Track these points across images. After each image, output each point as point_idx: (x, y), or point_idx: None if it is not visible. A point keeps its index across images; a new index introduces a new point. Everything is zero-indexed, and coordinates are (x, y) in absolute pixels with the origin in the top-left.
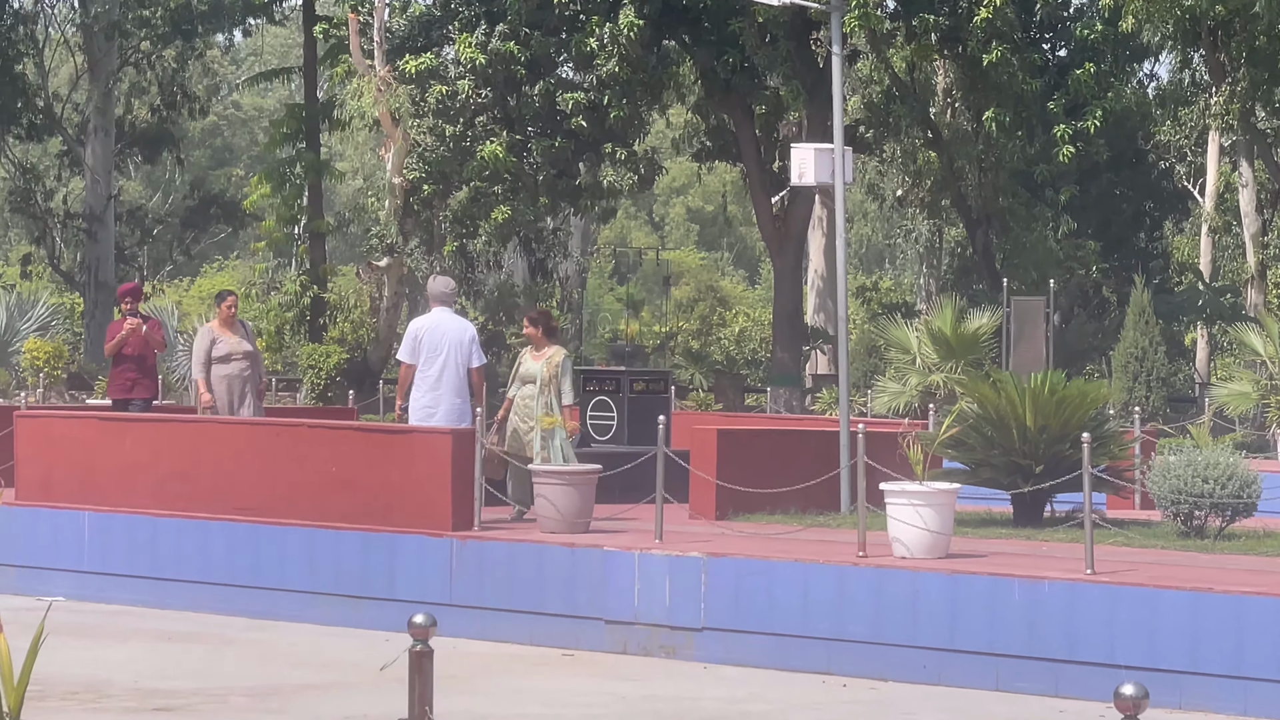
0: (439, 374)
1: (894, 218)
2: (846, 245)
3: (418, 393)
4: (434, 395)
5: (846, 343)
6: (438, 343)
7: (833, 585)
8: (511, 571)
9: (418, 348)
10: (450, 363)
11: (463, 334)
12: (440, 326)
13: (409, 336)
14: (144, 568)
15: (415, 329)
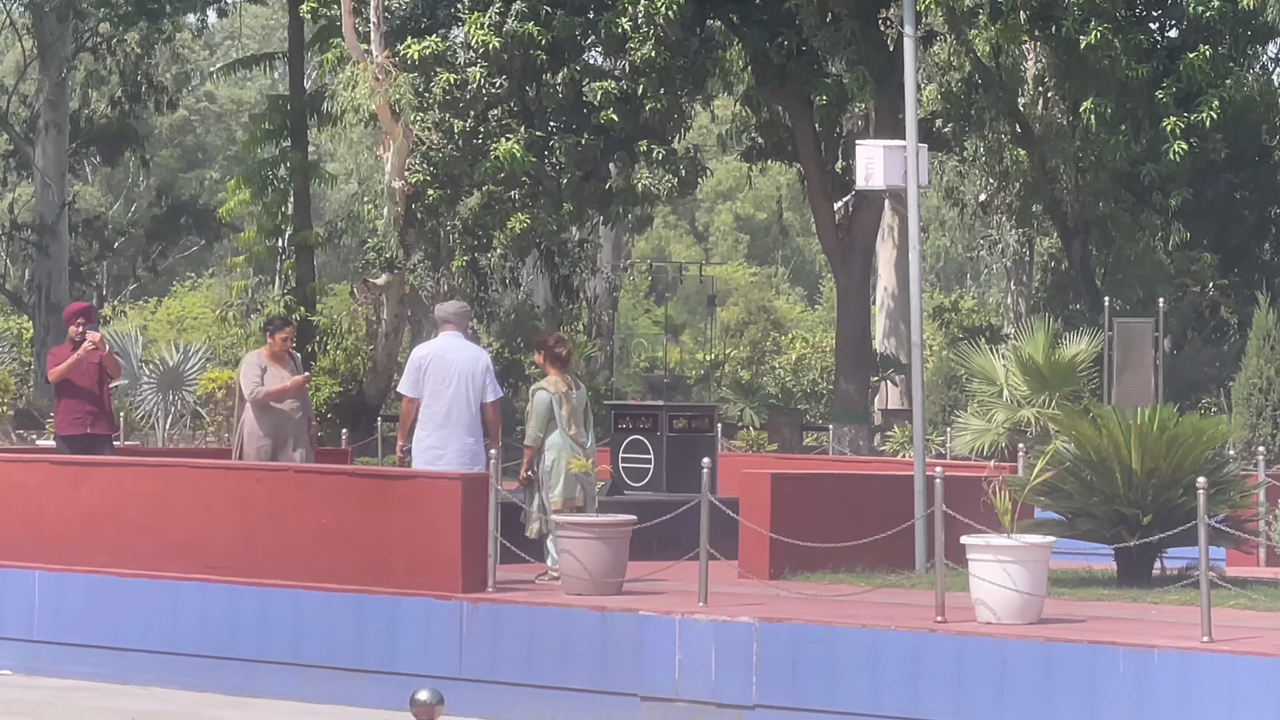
0: (447, 409)
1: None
2: (921, 259)
3: (423, 431)
4: (442, 434)
5: (922, 372)
6: (445, 373)
7: (906, 655)
8: (532, 640)
9: (422, 379)
10: (461, 396)
11: (475, 363)
12: (448, 354)
13: (411, 366)
14: (104, 636)
15: (418, 357)
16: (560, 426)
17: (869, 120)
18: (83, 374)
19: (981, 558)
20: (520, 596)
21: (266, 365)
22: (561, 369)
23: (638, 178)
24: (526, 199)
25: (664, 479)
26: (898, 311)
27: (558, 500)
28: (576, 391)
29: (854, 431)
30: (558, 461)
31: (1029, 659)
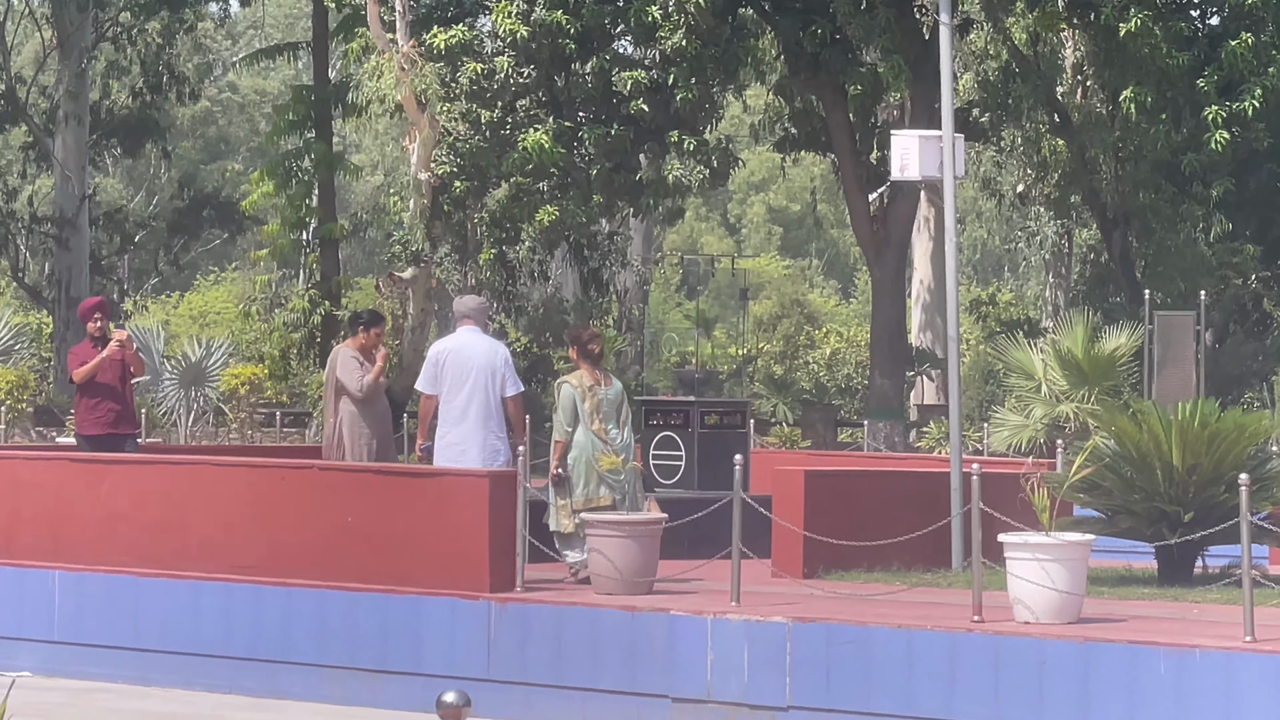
0: (465, 405)
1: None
2: (958, 251)
3: (444, 428)
4: (461, 430)
5: (958, 367)
6: (463, 368)
7: (943, 656)
8: (560, 640)
9: (440, 374)
10: (479, 392)
11: (493, 356)
12: (466, 349)
13: (429, 362)
14: (124, 637)
15: (436, 353)
16: (583, 422)
17: (904, 110)
18: (105, 371)
19: (1019, 556)
20: (549, 596)
21: (363, 361)
22: (592, 365)
23: (668, 169)
24: (555, 191)
25: (695, 476)
26: (934, 305)
27: (578, 501)
28: (607, 387)
29: (889, 427)
30: (579, 460)
31: (1068, 659)
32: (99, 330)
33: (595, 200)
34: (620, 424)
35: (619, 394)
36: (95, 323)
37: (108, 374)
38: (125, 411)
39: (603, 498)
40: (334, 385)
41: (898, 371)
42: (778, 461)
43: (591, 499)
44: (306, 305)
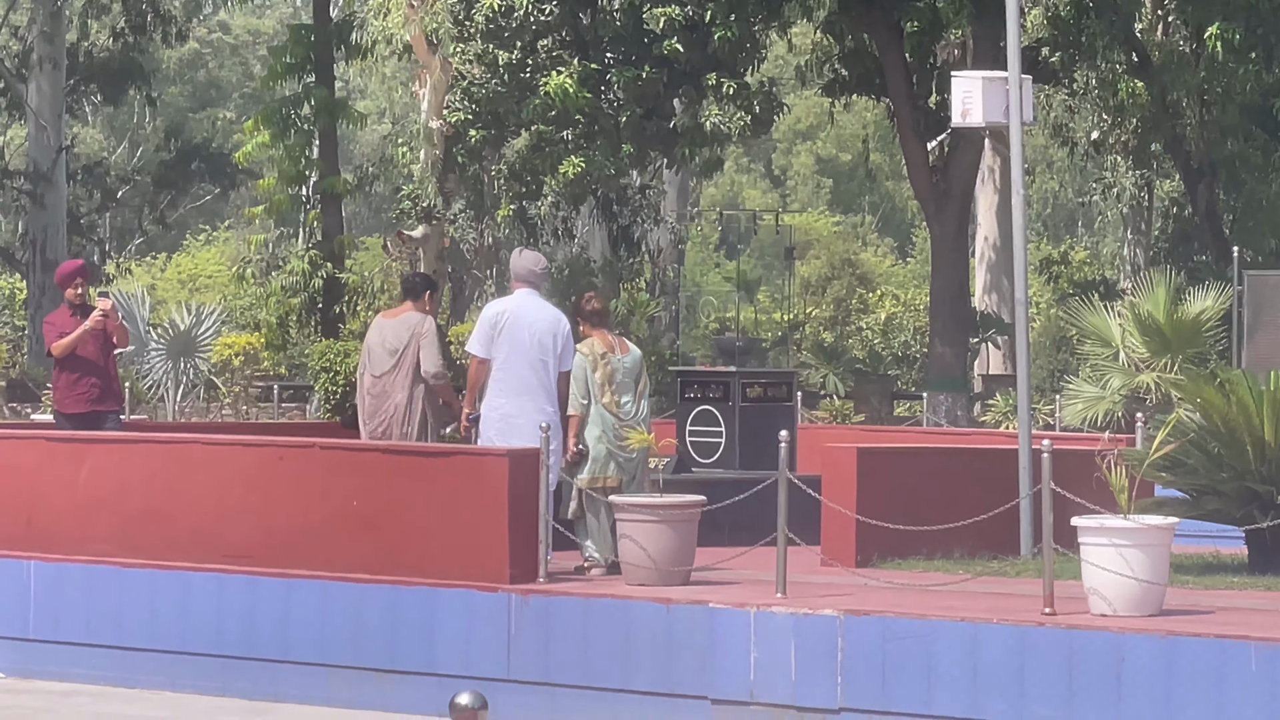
0: (525, 374)
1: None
2: (1027, 205)
3: (497, 398)
4: (517, 402)
5: (1027, 333)
6: (523, 334)
7: (1011, 652)
8: (588, 636)
9: (496, 338)
10: (538, 361)
11: (556, 325)
12: (527, 313)
13: (484, 323)
14: (107, 634)
15: (493, 314)
16: (593, 393)
17: (966, 49)
18: (86, 343)
19: (1095, 541)
20: (575, 588)
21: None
22: (598, 326)
23: (705, 115)
24: (580, 140)
25: (737, 454)
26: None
27: (583, 479)
28: (621, 355)
29: (951, 400)
30: (589, 437)
31: (1149, 655)
32: (79, 297)
33: (625, 150)
34: (637, 395)
35: (636, 362)
36: (75, 289)
37: (89, 346)
38: (108, 387)
39: (610, 477)
40: (412, 357)
41: (960, 338)
42: (827, 438)
43: (598, 478)
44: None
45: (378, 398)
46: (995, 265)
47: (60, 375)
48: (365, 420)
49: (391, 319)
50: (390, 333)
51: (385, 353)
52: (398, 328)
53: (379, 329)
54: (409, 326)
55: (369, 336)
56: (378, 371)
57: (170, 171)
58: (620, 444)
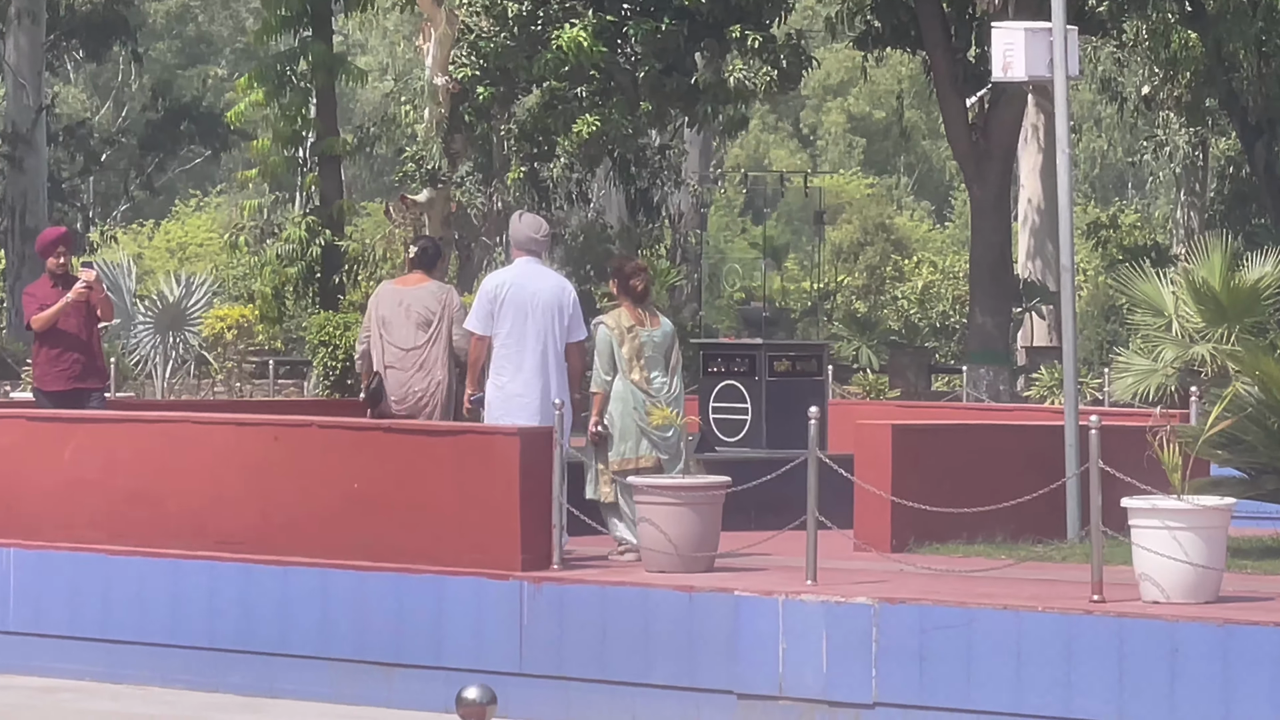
0: (529, 349)
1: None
2: (1072, 165)
3: (501, 376)
4: (522, 380)
5: (1074, 302)
6: (526, 305)
7: (1057, 642)
8: (605, 627)
9: (498, 312)
10: (545, 335)
11: (561, 294)
12: (529, 283)
13: (483, 297)
14: (91, 626)
15: (492, 286)
16: (621, 370)
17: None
18: (69, 316)
19: (1147, 524)
20: (591, 575)
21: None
22: (635, 304)
23: (729, 70)
24: (596, 97)
25: (763, 432)
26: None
27: (614, 461)
28: (652, 328)
29: (992, 374)
30: (617, 415)
31: (1205, 645)
32: (61, 267)
33: (643, 108)
34: (669, 371)
35: (667, 336)
36: (57, 258)
37: (72, 319)
38: (91, 363)
39: (644, 458)
40: (448, 331)
41: (1002, 308)
42: (861, 414)
43: (629, 460)
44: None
45: (407, 373)
46: (1039, 229)
47: (41, 350)
48: (394, 399)
49: (410, 286)
50: (417, 303)
51: (413, 325)
52: (425, 298)
53: (396, 297)
54: (438, 297)
55: (382, 304)
56: (405, 344)
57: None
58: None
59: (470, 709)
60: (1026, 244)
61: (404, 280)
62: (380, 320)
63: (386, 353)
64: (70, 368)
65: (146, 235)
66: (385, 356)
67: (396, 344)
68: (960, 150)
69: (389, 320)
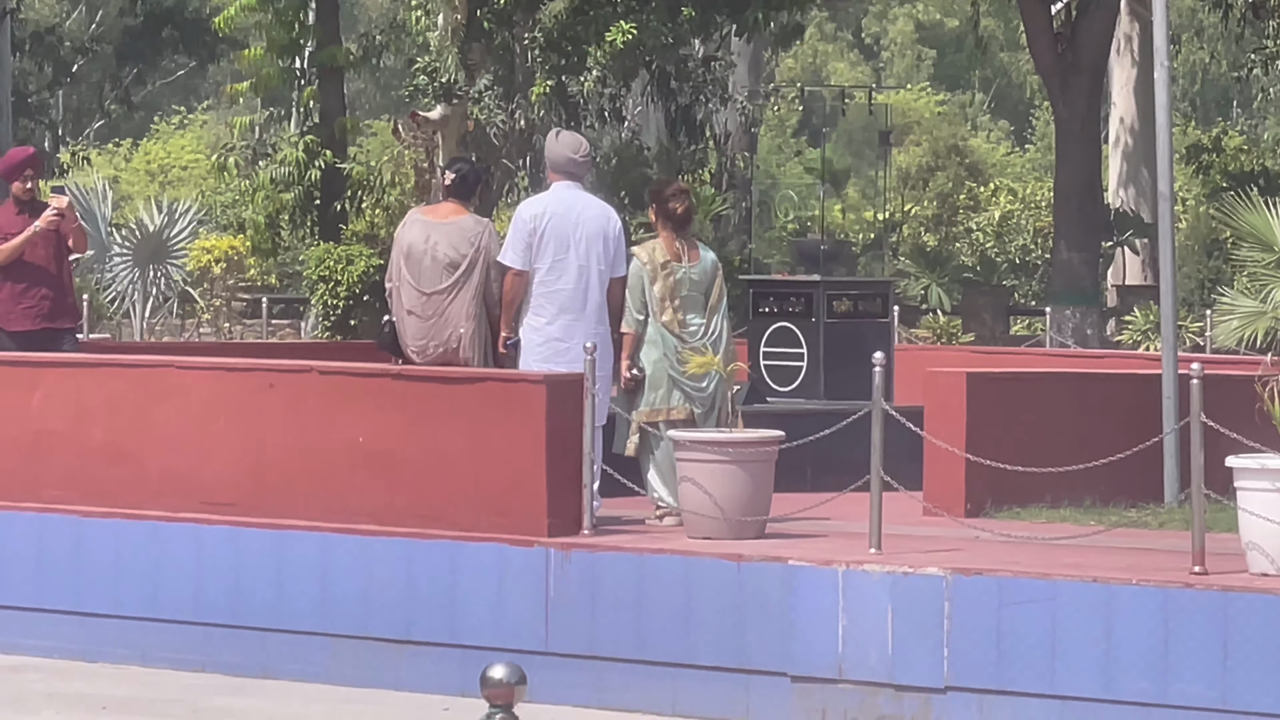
0: (573, 287)
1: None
2: (1171, 80)
3: (538, 317)
4: (566, 321)
5: (1172, 236)
6: (568, 237)
7: (1153, 618)
8: (642, 600)
9: (537, 245)
10: (590, 270)
11: (606, 224)
12: (570, 212)
13: (520, 227)
14: (63, 598)
15: (529, 215)
16: (651, 309)
17: None
18: (36, 248)
19: (1255, 486)
20: (627, 541)
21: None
22: (676, 231)
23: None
24: (632, 1)
25: (821, 382)
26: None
27: (642, 412)
28: (690, 264)
29: (1079, 316)
30: (646, 360)
31: None
32: (28, 193)
33: (685, 14)
34: (708, 311)
35: (707, 271)
36: (24, 182)
37: (40, 251)
38: (62, 300)
39: (676, 409)
40: (479, 277)
41: (1090, 242)
42: (931, 361)
43: (659, 410)
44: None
45: (428, 321)
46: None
47: (4, 286)
48: (414, 350)
49: (440, 220)
50: (445, 240)
51: (439, 266)
52: (454, 235)
53: (424, 230)
54: (469, 236)
55: (408, 236)
56: (427, 288)
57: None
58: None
59: (497, 690)
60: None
61: (434, 210)
62: (403, 253)
63: (406, 296)
64: (38, 305)
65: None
66: (405, 299)
67: (418, 287)
68: (1043, 63)
69: (413, 255)
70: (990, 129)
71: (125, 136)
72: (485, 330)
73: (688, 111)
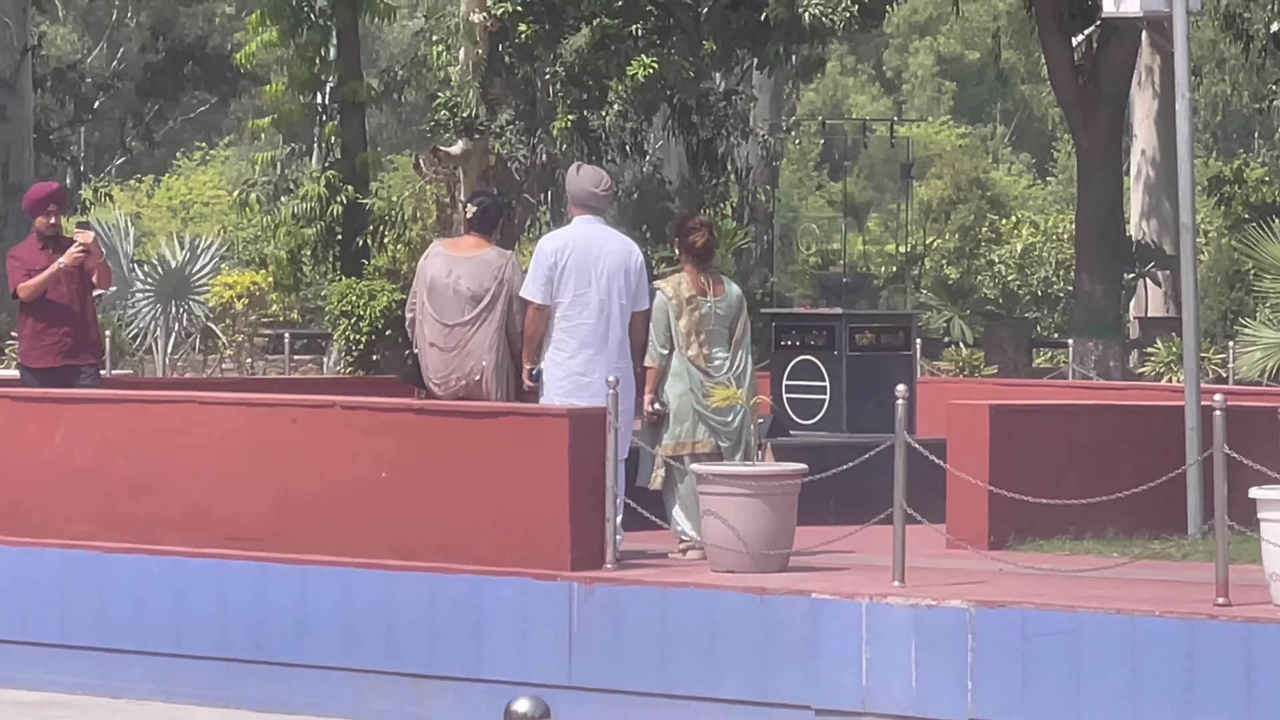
0: (594, 322)
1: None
2: (1193, 112)
3: (561, 352)
4: (589, 355)
5: (1195, 268)
6: (590, 271)
7: (1177, 650)
8: (666, 634)
9: (558, 279)
10: (610, 305)
11: (628, 258)
12: (592, 246)
13: (541, 261)
14: (85, 633)
15: (552, 250)
16: (676, 343)
17: None
18: (59, 284)
19: (1278, 517)
20: (650, 575)
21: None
22: (698, 264)
23: (804, 5)
24: (653, 36)
25: (844, 414)
26: (1160, 184)
27: (667, 446)
28: (716, 297)
29: (1102, 347)
30: (671, 394)
31: None
32: (52, 228)
33: (706, 48)
34: (732, 345)
35: (732, 305)
36: (48, 218)
37: (63, 287)
38: (85, 335)
39: (701, 443)
40: (502, 310)
41: (1113, 274)
42: (953, 394)
43: (684, 443)
44: (323, 191)
45: (450, 353)
46: (1154, 185)
47: (27, 322)
48: (436, 383)
49: (463, 254)
50: (467, 274)
51: (461, 299)
52: (477, 269)
53: (446, 263)
54: (493, 269)
55: (431, 269)
56: (450, 319)
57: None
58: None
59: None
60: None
61: (457, 244)
62: (426, 287)
63: (429, 328)
64: (60, 341)
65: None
66: (428, 332)
67: (441, 319)
68: (1065, 95)
69: (436, 288)
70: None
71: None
72: (508, 363)
73: (709, 145)
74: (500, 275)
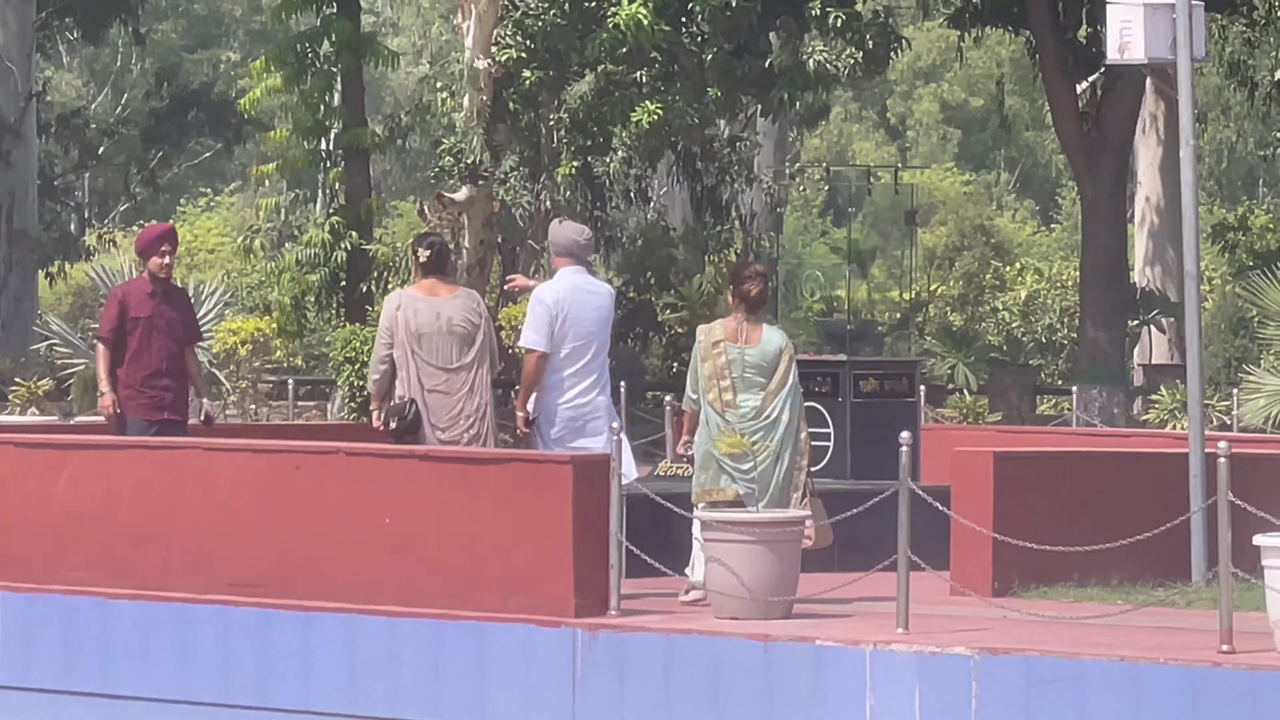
0: (589, 366)
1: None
2: (1197, 159)
3: (561, 395)
4: (590, 399)
5: (1199, 314)
6: (587, 320)
7: (1181, 698)
8: (670, 680)
9: (561, 329)
10: (601, 350)
11: (608, 300)
12: (586, 296)
13: (543, 314)
14: (89, 679)
15: (551, 301)
16: (700, 388)
17: None
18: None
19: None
20: (654, 622)
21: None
22: (748, 312)
23: (808, 52)
24: (657, 82)
25: (848, 461)
26: (1164, 231)
27: (695, 493)
28: (747, 345)
29: (1106, 395)
30: (700, 441)
31: None
32: (165, 269)
33: (711, 95)
34: (768, 393)
35: (768, 354)
36: (161, 258)
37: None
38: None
39: (723, 491)
40: (491, 348)
41: (1117, 321)
42: (958, 441)
43: (708, 490)
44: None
45: (455, 396)
46: (1159, 232)
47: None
48: (442, 427)
49: (443, 297)
50: (455, 315)
51: (455, 341)
52: (460, 310)
53: (430, 308)
54: (474, 306)
55: (417, 319)
56: (450, 363)
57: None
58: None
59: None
60: (1144, 248)
61: (427, 288)
62: (414, 336)
63: (425, 375)
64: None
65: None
66: (423, 380)
67: (437, 364)
68: (1069, 143)
69: (424, 335)
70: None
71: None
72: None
73: (713, 192)
74: (481, 311)
